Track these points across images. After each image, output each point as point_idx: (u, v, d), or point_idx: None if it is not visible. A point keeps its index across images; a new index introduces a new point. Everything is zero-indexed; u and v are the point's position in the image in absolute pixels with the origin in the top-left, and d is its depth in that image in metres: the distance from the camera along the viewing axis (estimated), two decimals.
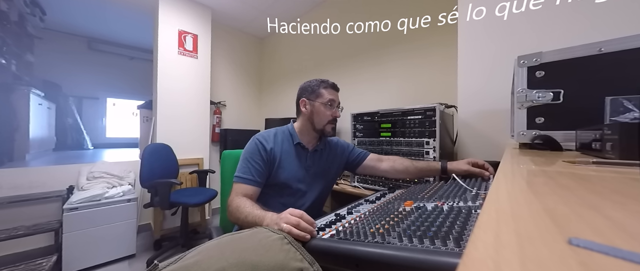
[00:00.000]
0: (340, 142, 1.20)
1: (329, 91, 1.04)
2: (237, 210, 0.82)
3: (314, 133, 1.06)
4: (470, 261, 0.12)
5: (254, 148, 0.97)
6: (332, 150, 1.15)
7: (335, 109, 1.05)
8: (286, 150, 1.03)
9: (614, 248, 0.12)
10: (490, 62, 1.17)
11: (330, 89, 1.05)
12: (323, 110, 1.02)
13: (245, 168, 0.94)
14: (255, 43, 3.68)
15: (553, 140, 0.69)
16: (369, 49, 2.25)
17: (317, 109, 1.03)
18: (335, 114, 1.04)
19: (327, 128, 1.03)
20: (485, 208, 0.21)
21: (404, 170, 1.10)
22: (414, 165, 1.09)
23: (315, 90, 1.04)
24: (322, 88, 1.04)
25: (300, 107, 1.06)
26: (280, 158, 0.99)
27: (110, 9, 3.72)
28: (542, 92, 0.70)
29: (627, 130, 0.40)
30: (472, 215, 0.54)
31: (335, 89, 1.07)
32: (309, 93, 1.05)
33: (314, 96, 1.04)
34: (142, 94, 5.63)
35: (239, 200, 0.85)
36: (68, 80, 5.42)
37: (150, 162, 2.01)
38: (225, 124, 3.26)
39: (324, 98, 1.02)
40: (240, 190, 0.90)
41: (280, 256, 0.49)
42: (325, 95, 1.03)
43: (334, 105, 1.04)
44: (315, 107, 1.03)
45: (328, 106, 1.02)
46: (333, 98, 1.03)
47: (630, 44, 0.60)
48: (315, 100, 1.03)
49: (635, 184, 0.27)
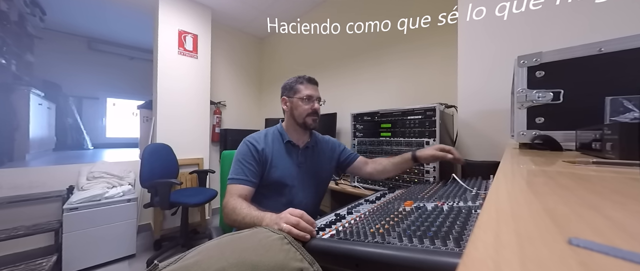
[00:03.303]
0: (331, 139, 1.23)
1: (305, 86, 1.07)
2: (233, 212, 0.81)
3: (299, 128, 1.08)
4: (470, 261, 0.12)
5: (246, 150, 0.99)
6: (323, 146, 1.17)
7: (314, 102, 1.06)
8: (277, 149, 1.05)
9: (614, 248, 0.12)
10: (490, 62, 1.17)
11: (307, 84, 1.07)
12: (301, 105, 1.05)
13: (239, 169, 0.96)
14: (255, 43, 3.68)
15: (553, 140, 0.69)
16: (369, 49, 2.25)
17: (295, 105, 1.06)
18: (314, 107, 1.06)
19: (308, 121, 1.05)
20: (485, 208, 0.21)
21: (383, 169, 1.14)
22: (390, 162, 1.13)
23: (293, 86, 1.07)
24: (298, 84, 1.07)
25: (282, 106, 1.11)
26: (272, 158, 1.02)
27: (110, 9, 3.72)
28: (542, 92, 0.70)
29: (627, 130, 0.40)
30: (472, 215, 0.54)
31: (313, 83, 1.09)
32: (288, 91, 1.09)
33: (292, 93, 1.07)
34: (142, 94, 5.63)
35: (234, 201, 0.84)
36: (68, 80, 5.42)
37: (150, 162, 2.01)
38: (225, 124, 3.26)
39: (301, 93, 1.05)
40: (234, 191, 0.90)
41: (280, 256, 0.49)
42: (302, 90, 1.06)
43: (312, 98, 1.06)
44: (294, 102, 1.06)
45: (306, 100, 1.05)
46: (310, 93, 1.05)
47: (630, 43, 0.60)
48: (294, 96, 1.06)
49: (635, 184, 0.27)
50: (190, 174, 2.58)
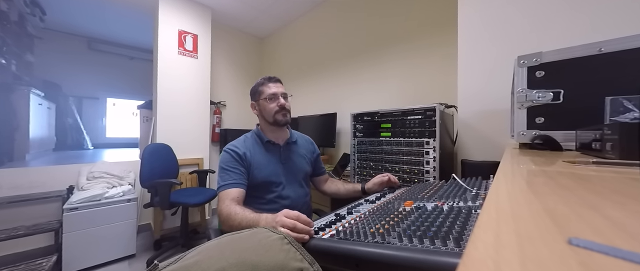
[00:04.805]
0: (312, 142, 1.30)
1: (267, 86, 1.09)
2: (228, 218, 0.81)
3: (273, 127, 1.11)
4: (470, 261, 0.12)
5: (228, 157, 1.01)
6: (304, 143, 1.24)
7: (279, 98, 1.08)
8: (258, 151, 1.08)
9: (614, 248, 0.12)
10: (490, 62, 1.17)
11: (269, 83, 1.10)
12: (267, 105, 1.08)
13: (225, 176, 0.97)
14: (255, 43, 3.68)
15: (553, 140, 0.69)
16: (369, 49, 2.25)
17: (263, 106, 1.09)
18: (280, 103, 1.07)
19: (278, 117, 1.08)
20: (485, 208, 0.21)
21: (337, 191, 1.22)
22: (344, 187, 1.20)
23: (257, 90, 1.11)
24: (261, 86, 1.10)
25: (253, 112, 1.15)
26: (253, 160, 1.04)
27: (110, 9, 3.72)
28: (542, 92, 0.70)
29: (627, 130, 0.40)
30: (472, 215, 0.54)
31: (274, 81, 1.11)
32: (253, 95, 1.13)
33: (257, 96, 1.11)
34: (142, 94, 5.63)
35: (227, 208, 0.84)
36: (68, 80, 5.42)
37: (150, 162, 2.01)
38: (225, 124, 3.26)
39: (265, 94, 1.08)
40: (226, 195, 0.91)
41: (280, 256, 0.49)
42: (265, 91, 1.09)
43: (276, 96, 1.08)
44: (261, 105, 1.10)
45: (271, 99, 1.07)
46: (274, 91, 1.08)
47: (630, 44, 0.59)
48: (259, 99, 1.10)
49: (635, 184, 0.27)
50: (190, 174, 2.58)
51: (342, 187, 1.21)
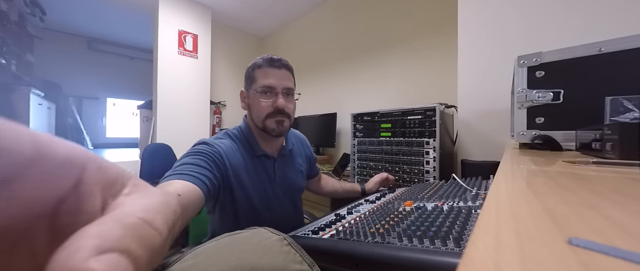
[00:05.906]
0: (308, 145, 1.07)
1: (262, 71, 0.74)
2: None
3: (264, 134, 0.79)
4: (470, 261, 0.12)
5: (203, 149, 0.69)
6: (299, 151, 0.97)
7: (277, 96, 0.73)
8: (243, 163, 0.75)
9: (614, 248, 0.12)
10: (490, 62, 1.17)
11: (268, 68, 0.74)
12: (258, 100, 0.74)
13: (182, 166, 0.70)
14: (255, 43, 3.68)
15: (553, 140, 0.69)
16: (369, 49, 2.25)
17: (252, 100, 0.76)
18: (276, 104, 0.73)
19: (269, 124, 0.74)
20: (485, 208, 0.21)
21: (334, 190, 1.13)
22: (342, 187, 1.13)
23: (251, 74, 0.76)
24: (255, 69, 0.75)
25: (241, 103, 0.82)
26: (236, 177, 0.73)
27: (110, 9, 3.72)
28: (542, 92, 0.70)
29: (627, 130, 0.40)
30: (472, 215, 0.54)
31: (275, 66, 0.74)
32: (246, 80, 0.79)
33: (250, 82, 0.76)
34: (142, 94, 5.63)
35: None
36: (68, 80, 5.42)
37: (150, 162, 2.01)
38: (225, 124, 3.26)
39: (258, 83, 0.74)
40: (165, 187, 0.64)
41: (280, 258, 0.49)
42: (258, 79, 0.74)
43: (273, 91, 0.74)
44: (251, 97, 0.76)
45: (264, 94, 0.73)
46: (271, 83, 0.73)
47: (630, 43, 0.60)
48: (250, 88, 0.76)
49: (635, 184, 0.27)
50: None
51: (339, 187, 1.14)
